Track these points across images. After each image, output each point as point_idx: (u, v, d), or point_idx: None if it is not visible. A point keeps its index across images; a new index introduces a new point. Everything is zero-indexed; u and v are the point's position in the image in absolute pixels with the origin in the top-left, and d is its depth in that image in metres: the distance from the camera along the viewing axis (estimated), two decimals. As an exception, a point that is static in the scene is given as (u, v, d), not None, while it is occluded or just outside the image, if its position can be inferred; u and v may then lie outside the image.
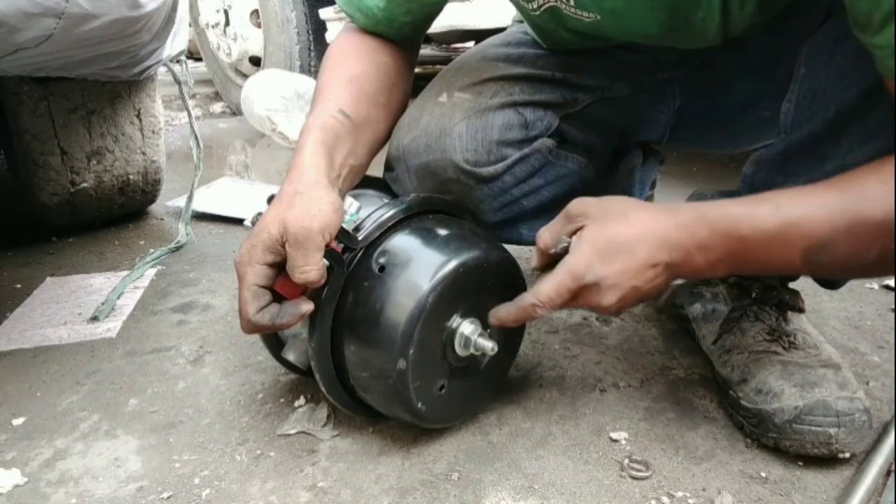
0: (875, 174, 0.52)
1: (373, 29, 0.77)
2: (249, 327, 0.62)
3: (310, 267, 0.58)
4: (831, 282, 0.79)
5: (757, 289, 0.77)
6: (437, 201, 0.71)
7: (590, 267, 0.58)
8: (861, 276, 0.65)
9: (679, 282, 0.92)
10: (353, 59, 0.76)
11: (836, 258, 0.53)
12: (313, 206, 0.59)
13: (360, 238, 0.63)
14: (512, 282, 0.70)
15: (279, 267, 0.62)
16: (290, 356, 0.73)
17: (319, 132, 0.66)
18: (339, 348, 0.65)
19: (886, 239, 0.51)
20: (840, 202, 0.52)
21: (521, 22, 0.87)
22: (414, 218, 0.68)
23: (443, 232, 0.66)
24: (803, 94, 0.63)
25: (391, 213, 0.66)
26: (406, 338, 0.60)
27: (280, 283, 0.62)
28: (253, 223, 0.67)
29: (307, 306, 0.61)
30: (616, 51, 0.79)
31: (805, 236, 0.53)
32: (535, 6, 0.71)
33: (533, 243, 0.69)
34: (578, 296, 0.60)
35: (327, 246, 0.60)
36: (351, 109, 0.70)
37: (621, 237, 0.58)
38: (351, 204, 0.65)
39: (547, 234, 0.63)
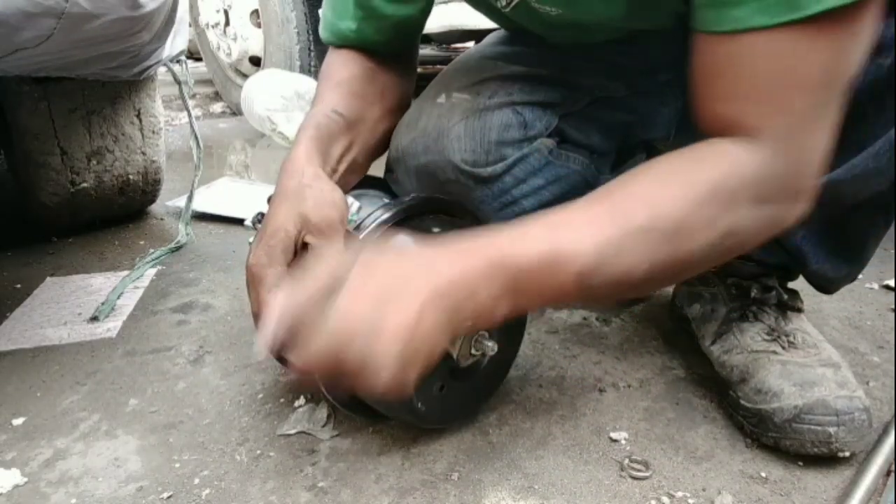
0: (638, 181, 0.51)
1: (348, 45, 0.79)
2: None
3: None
4: (821, 288, 0.79)
5: (756, 288, 0.77)
6: (438, 201, 0.71)
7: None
8: (635, 293, 0.61)
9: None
10: (340, 68, 0.78)
11: (609, 278, 0.49)
12: (328, 196, 0.59)
13: (361, 238, 0.63)
14: None
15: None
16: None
17: (313, 130, 0.67)
18: None
19: (652, 250, 0.48)
20: (605, 217, 0.49)
21: None
22: (414, 218, 0.68)
23: (442, 232, 0.66)
24: None
25: (391, 213, 0.66)
26: None
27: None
28: (253, 223, 0.67)
29: None
30: (608, 55, 0.79)
31: (574, 262, 0.48)
32: (504, 3, 0.71)
33: None
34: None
35: None
36: (343, 108, 0.71)
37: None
38: (351, 204, 0.65)
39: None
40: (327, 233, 0.58)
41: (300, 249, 0.60)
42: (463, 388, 0.69)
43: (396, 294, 0.44)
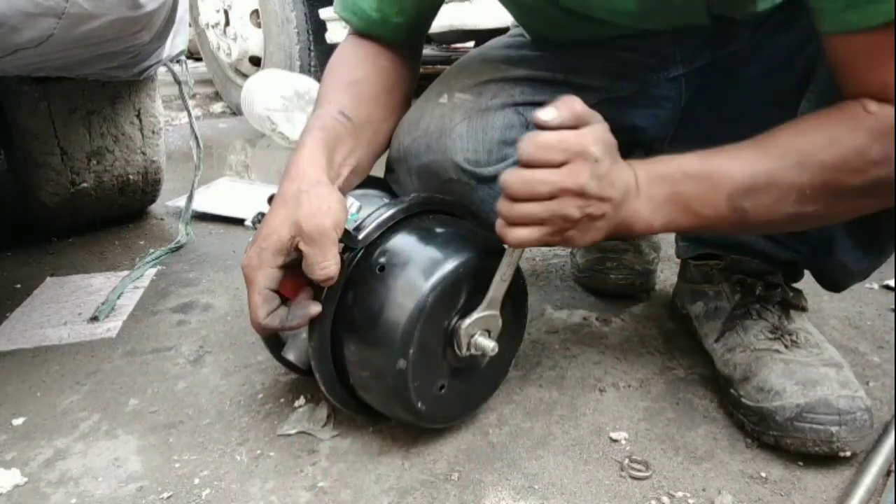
0: (793, 132, 0.57)
1: (369, 31, 0.78)
2: (260, 330, 0.63)
3: (329, 262, 0.59)
4: (834, 284, 0.79)
5: (761, 287, 0.77)
6: (438, 201, 0.71)
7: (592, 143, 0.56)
8: (784, 228, 0.66)
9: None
10: (353, 65, 0.77)
11: (758, 205, 0.56)
12: (323, 202, 0.60)
13: (360, 238, 0.63)
14: (513, 280, 0.69)
15: (286, 269, 0.62)
16: (291, 356, 0.73)
17: (319, 132, 0.67)
18: (340, 348, 0.65)
19: (803, 183, 0.55)
20: (760, 155, 0.56)
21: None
22: (414, 218, 0.68)
23: (443, 232, 0.66)
24: (823, 93, 0.63)
25: (391, 212, 0.66)
26: (406, 338, 0.60)
27: (282, 283, 0.62)
28: (253, 223, 0.67)
29: (315, 308, 0.62)
30: (618, 51, 0.79)
31: (728, 179, 0.56)
32: None
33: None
34: (564, 166, 0.55)
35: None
36: (351, 111, 0.71)
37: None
38: (352, 204, 0.65)
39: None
40: (319, 241, 0.59)
41: (294, 253, 0.61)
42: (463, 387, 0.69)
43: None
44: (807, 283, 0.80)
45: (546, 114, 0.55)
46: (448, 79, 0.80)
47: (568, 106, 0.55)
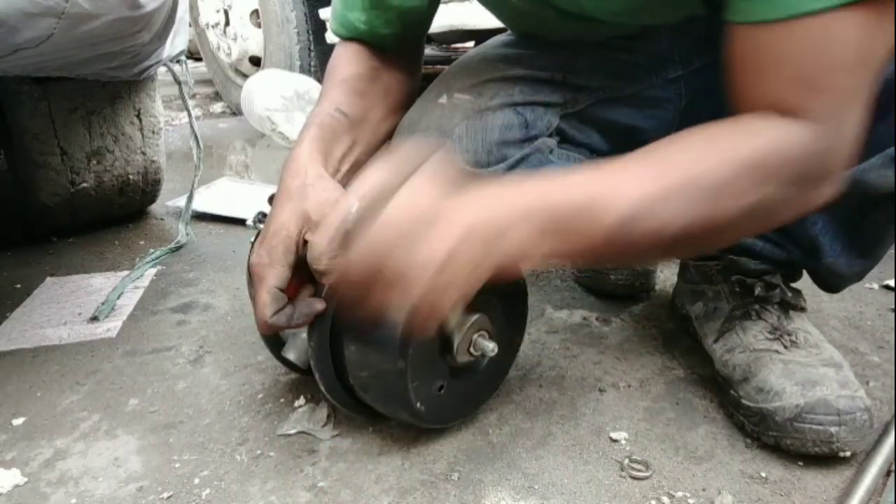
0: (685, 148, 0.52)
1: (357, 39, 0.79)
2: (266, 329, 0.63)
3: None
4: (832, 285, 0.79)
5: (760, 286, 0.77)
6: None
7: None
8: (668, 254, 0.62)
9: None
10: (345, 65, 0.78)
11: (645, 232, 0.50)
12: (330, 194, 0.60)
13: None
14: (513, 282, 0.69)
15: (295, 267, 0.62)
16: (291, 355, 0.73)
17: (316, 129, 0.67)
18: (339, 348, 0.65)
19: (689, 208, 0.50)
20: (646, 172, 0.51)
21: None
22: None
23: None
24: None
25: None
26: (405, 338, 0.60)
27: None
28: (254, 222, 0.67)
29: (320, 305, 0.62)
30: (616, 51, 0.79)
31: (612, 208, 0.49)
32: None
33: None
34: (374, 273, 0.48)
35: None
36: (347, 107, 0.72)
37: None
38: (351, 204, 0.65)
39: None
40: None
41: (302, 248, 0.61)
42: (462, 388, 0.69)
43: (437, 220, 0.47)
44: (806, 284, 0.80)
45: (313, 249, 0.50)
46: (447, 79, 0.80)
47: (359, 191, 0.49)
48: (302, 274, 0.61)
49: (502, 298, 0.66)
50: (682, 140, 0.53)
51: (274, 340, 0.75)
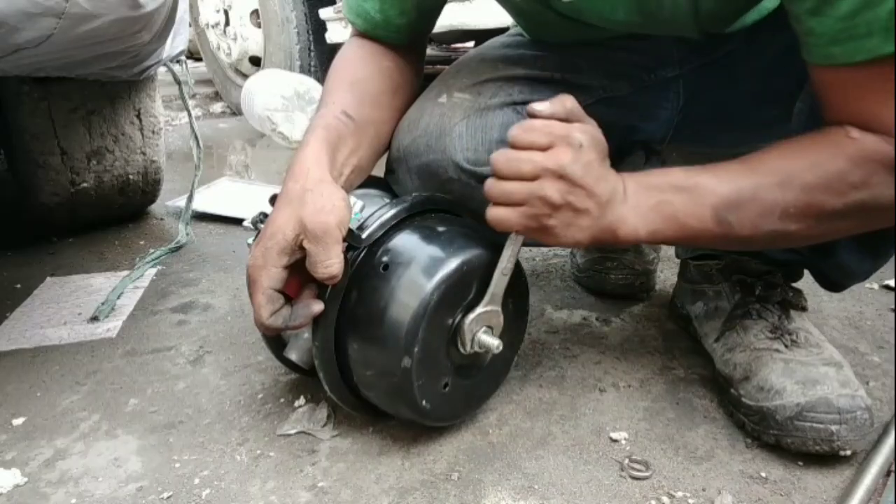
0: (777, 154, 0.58)
1: (372, 33, 0.79)
2: (263, 329, 0.64)
3: (333, 261, 0.59)
4: (834, 284, 0.79)
5: (760, 286, 0.77)
6: (440, 200, 0.71)
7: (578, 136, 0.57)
8: (767, 245, 0.67)
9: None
10: (356, 65, 0.78)
11: (743, 220, 0.57)
12: (327, 201, 0.60)
13: (363, 237, 0.64)
14: (515, 279, 0.69)
15: (291, 268, 0.62)
16: (293, 356, 0.73)
17: (322, 131, 0.67)
18: (343, 347, 0.65)
19: (787, 200, 0.56)
20: (745, 173, 0.58)
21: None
22: (417, 217, 0.68)
23: (446, 230, 0.67)
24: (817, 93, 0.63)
25: (394, 211, 0.66)
26: (411, 336, 0.60)
27: (286, 282, 0.62)
28: (253, 223, 0.67)
29: (318, 307, 0.62)
30: (615, 51, 0.79)
31: (714, 192, 0.58)
32: None
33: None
34: (549, 148, 0.57)
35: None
36: (354, 111, 0.72)
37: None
38: (355, 203, 0.65)
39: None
40: (323, 239, 0.59)
41: (298, 252, 0.61)
42: (467, 385, 0.69)
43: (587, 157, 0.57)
44: (806, 283, 0.80)
45: (539, 105, 0.57)
46: (447, 78, 0.80)
47: (561, 101, 0.58)
48: (305, 275, 0.62)
49: (506, 296, 0.66)
50: (776, 147, 0.59)
51: (275, 341, 0.75)
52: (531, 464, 0.67)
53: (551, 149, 0.56)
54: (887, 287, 1.04)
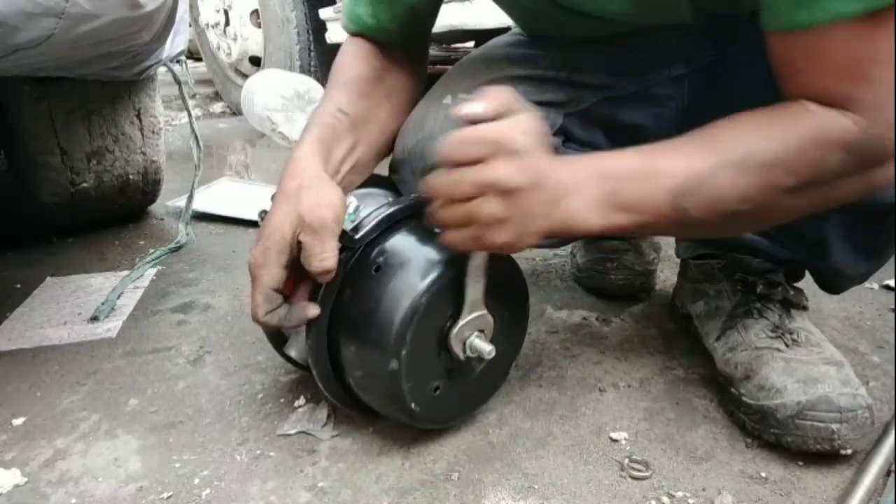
0: (736, 128, 0.56)
1: (365, 34, 0.79)
2: (259, 325, 0.64)
3: (328, 254, 0.59)
4: (835, 286, 0.79)
5: (762, 285, 0.77)
6: None
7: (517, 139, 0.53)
8: (724, 229, 0.65)
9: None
10: (349, 64, 0.78)
11: (699, 205, 0.54)
12: (323, 196, 0.60)
13: (357, 237, 0.63)
14: (512, 283, 0.69)
15: (290, 267, 0.62)
16: (292, 352, 0.73)
17: (318, 129, 0.68)
18: (336, 347, 0.65)
19: (745, 182, 0.53)
20: (701, 152, 0.55)
21: None
22: (413, 218, 0.68)
23: (441, 232, 0.66)
24: None
25: (389, 212, 0.66)
26: (399, 338, 0.60)
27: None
28: (260, 217, 0.67)
29: (313, 311, 0.63)
30: (620, 49, 0.79)
31: (669, 178, 0.55)
32: None
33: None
34: (484, 161, 0.52)
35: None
36: (349, 108, 0.72)
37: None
38: (350, 203, 0.65)
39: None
40: (319, 232, 0.59)
41: (296, 249, 0.61)
42: (459, 388, 0.68)
43: (526, 154, 0.53)
44: (807, 283, 0.80)
45: (468, 107, 0.53)
46: (450, 79, 0.80)
47: (492, 98, 0.53)
48: (300, 270, 0.62)
49: (503, 299, 0.66)
50: (733, 121, 0.56)
51: (277, 337, 0.75)
52: (531, 464, 0.67)
53: (487, 160, 0.52)
54: (887, 287, 1.04)
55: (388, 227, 0.65)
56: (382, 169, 0.81)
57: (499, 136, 0.52)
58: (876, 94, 0.50)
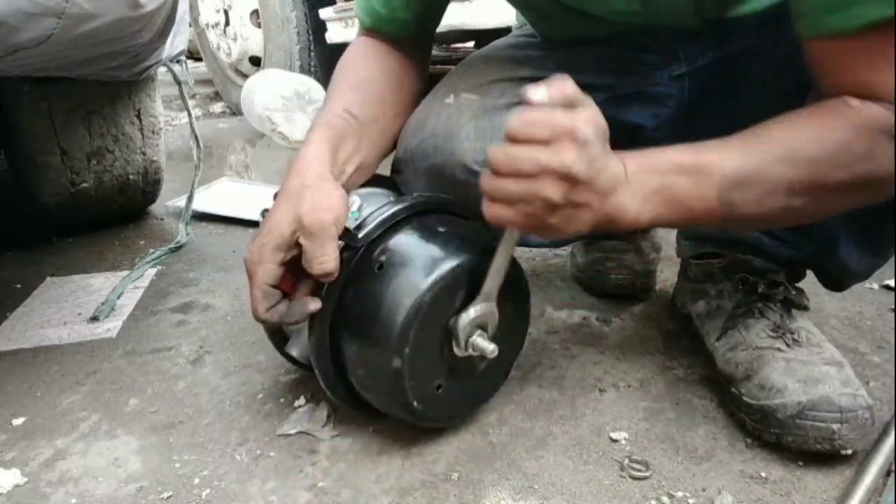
0: (781, 127, 0.57)
1: (378, 27, 0.79)
2: (260, 322, 0.65)
3: (327, 257, 0.59)
4: (839, 283, 0.79)
5: (763, 285, 0.77)
6: (440, 201, 0.71)
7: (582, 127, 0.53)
8: (771, 223, 0.66)
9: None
10: (361, 64, 0.78)
11: (747, 199, 0.56)
12: (324, 198, 0.60)
13: (360, 236, 0.64)
14: (514, 282, 0.69)
15: (288, 264, 0.62)
16: (294, 351, 0.73)
17: (325, 129, 0.68)
18: (339, 345, 0.65)
19: (791, 176, 0.55)
20: (748, 149, 0.56)
21: (525, 25, 0.87)
22: (416, 217, 0.68)
23: (444, 231, 0.66)
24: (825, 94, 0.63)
25: (392, 211, 0.66)
26: (402, 337, 0.60)
27: (283, 278, 0.63)
28: (262, 216, 0.67)
29: (314, 305, 0.63)
30: (621, 49, 0.79)
31: (718, 172, 0.56)
32: None
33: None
34: (551, 144, 0.52)
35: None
36: (357, 109, 0.72)
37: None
38: (353, 202, 0.65)
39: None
40: (318, 235, 0.59)
41: (295, 247, 0.61)
42: (462, 387, 0.68)
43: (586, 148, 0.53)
44: (807, 283, 0.80)
45: (536, 92, 0.53)
46: (453, 79, 0.80)
47: (559, 86, 0.53)
48: (300, 270, 0.62)
49: (505, 298, 0.66)
50: (779, 120, 0.57)
51: (278, 336, 0.75)
52: (531, 464, 0.67)
53: (553, 144, 0.52)
54: (887, 287, 1.04)
55: (390, 225, 0.66)
56: (384, 168, 0.81)
57: (569, 124, 0.52)
58: None
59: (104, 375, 0.85)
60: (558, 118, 0.52)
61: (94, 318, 0.99)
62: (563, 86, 0.53)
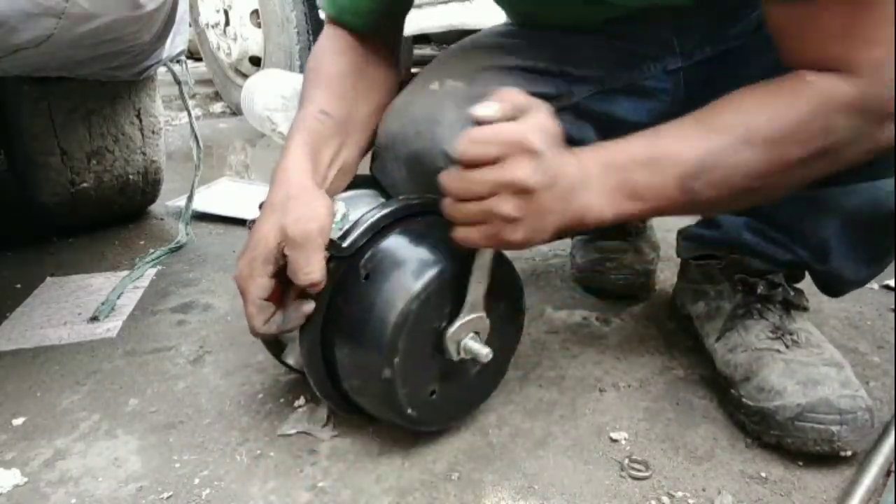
0: (737, 107, 0.56)
1: (341, 19, 0.78)
2: (259, 337, 0.65)
3: (312, 267, 0.59)
4: (834, 289, 0.78)
5: (762, 286, 0.77)
6: (426, 202, 0.68)
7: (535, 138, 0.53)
8: (733, 205, 0.64)
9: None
10: (330, 60, 0.77)
11: (708, 185, 0.55)
12: (308, 208, 0.60)
13: (345, 245, 0.62)
14: (506, 284, 0.69)
15: (278, 275, 0.62)
16: (290, 360, 0.73)
17: (303, 135, 0.67)
18: (332, 354, 0.65)
19: (751, 158, 0.54)
20: (705, 133, 0.56)
21: None
22: (401, 223, 0.66)
23: (429, 238, 0.65)
24: None
25: (376, 218, 0.64)
26: (390, 347, 0.59)
27: (273, 290, 0.62)
28: (249, 227, 0.66)
29: (308, 306, 0.62)
30: (615, 39, 0.78)
31: (678, 162, 0.55)
32: None
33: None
34: (504, 162, 0.52)
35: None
36: (331, 108, 0.71)
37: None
38: (337, 210, 0.64)
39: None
40: (303, 246, 0.59)
41: (281, 259, 0.61)
42: (456, 391, 0.68)
43: (542, 157, 0.53)
44: (807, 283, 0.80)
45: (483, 108, 0.53)
46: (439, 65, 0.79)
47: (508, 99, 0.53)
48: (287, 280, 0.61)
49: (499, 300, 0.66)
50: (734, 99, 0.56)
51: (274, 344, 0.75)
52: (531, 464, 0.67)
53: (504, 159, 0.52)
54: (887, 287, 1.04)
55: (375, 232, 0.64)
56: (364, 166, 0.80)
57: (516, 137, 0.52)
58: (874, 54, 0.51)
59: (104, 375, 0.85)
60: (505, 132, 0.52)
61: (94, 318, 0.99)
62: (510, 97, 0.54)
